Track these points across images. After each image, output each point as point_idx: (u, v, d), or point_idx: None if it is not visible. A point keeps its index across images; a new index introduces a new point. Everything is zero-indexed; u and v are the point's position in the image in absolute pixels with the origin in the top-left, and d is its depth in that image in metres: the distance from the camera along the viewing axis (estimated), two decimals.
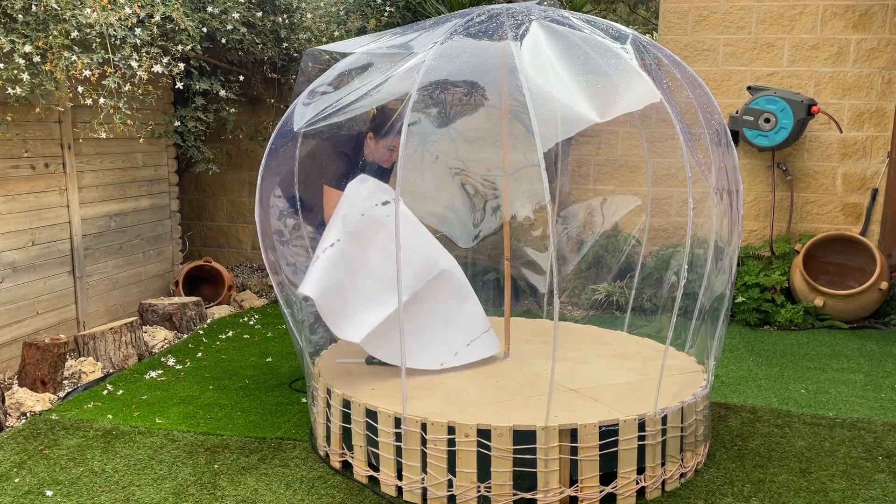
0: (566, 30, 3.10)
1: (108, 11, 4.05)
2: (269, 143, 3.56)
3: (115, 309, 5.36)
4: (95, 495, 3.03)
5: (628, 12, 10.55)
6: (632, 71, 2.95)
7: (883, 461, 3.35)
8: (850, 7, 5.70)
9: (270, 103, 6.23)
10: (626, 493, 2.95)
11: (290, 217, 4.00)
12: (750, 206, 6.07)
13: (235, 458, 3.35)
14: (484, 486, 2.88)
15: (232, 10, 4.95)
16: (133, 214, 5.51)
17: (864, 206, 5.86)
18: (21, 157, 4.45)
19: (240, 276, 6.59)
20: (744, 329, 5.45)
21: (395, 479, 3.02)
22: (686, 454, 3.13)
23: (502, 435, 2.83)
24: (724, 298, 3.31)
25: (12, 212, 4.40)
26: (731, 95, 6.00)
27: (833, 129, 5.83)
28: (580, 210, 5.23)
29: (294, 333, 3.66)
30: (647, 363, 3.55)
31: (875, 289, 5.38)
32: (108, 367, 4.49)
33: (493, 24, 3.17)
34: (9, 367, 4.39)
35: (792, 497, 3.02)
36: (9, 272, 4.39)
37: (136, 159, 5.50)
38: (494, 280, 5.50)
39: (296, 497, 3.01)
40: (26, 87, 3.90)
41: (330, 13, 5.75)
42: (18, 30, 3.85)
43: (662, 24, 6.10)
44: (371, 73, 3.40)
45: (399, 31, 3.44)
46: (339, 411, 3.19)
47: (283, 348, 4.93)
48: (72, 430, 3.64)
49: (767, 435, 3.61)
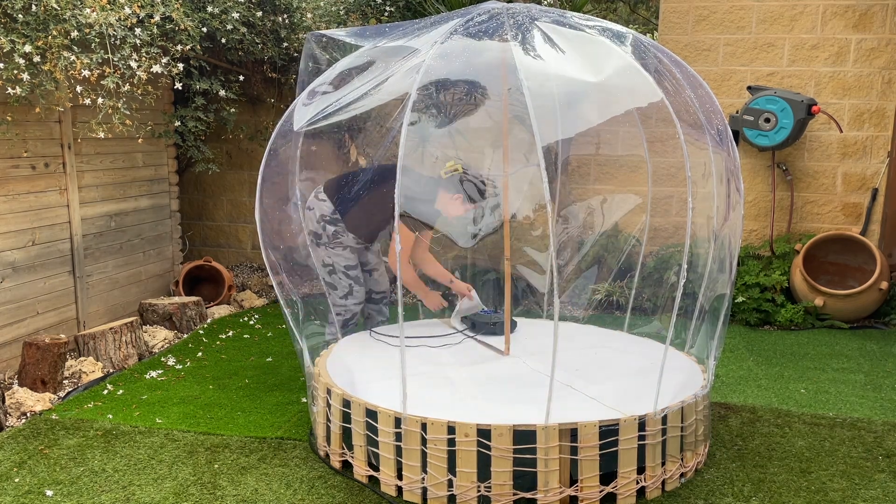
0: (566, 30, 3.10)
1: (107, 11, 4.05)
2: (270, 143, 3.56)
3: (116, 309, 5.36)
4: (95, 495, 3.03)
5: (628, 12, 10.55)
6: (632, 70, 2.95)
7: (883, 461, 3.35)
8: (851, 7, 5.70)
9: (270, 103, 6.23)
10: (627, 492, 2.95)
11: (331, 224, 3.99)
12: (750, 206, 6.07)
13: (235, 458, 3.35)
14: (484, 485, 2.88)
15: (232, 9, 4.96)
16: (133, 214, 5.51)
17: (865, 206, 5.86)
18: (21, 157, 4.45)
19: (240, 276, 6.59)
20: (744, 329, 5.45)
21: (395, 478, 3.02)
22: (686, 454, 3.13)
23: (502, 435, 2.83)
24: (724, 298, 3.31)
25: (12, 211, 4.40)
26: (732, 95, 6.00)
27: (833, 128, 5.83)
28: (580, 210, 5.23)
29: (294, 333, 3.66)
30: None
31: (875, 289, 5.38)
32: (108, 367, 4.49)
33: (493, 23, 3.17)
34: (9, 367, 4.39)
35: (792, 497, 3.02)
36: (9, 272, 4.39)
37: (136, 159, 5.50)
38: (494, 280, 5.50)
39: (296, 497, 3.01)
40: (26, 87, 3.90)
41: (330, 13, 5.76)
42: (18, 30, 3.86)
43: (662, 24, 6.10)
44: (371, 73, 3.40)
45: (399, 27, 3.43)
46: (339, 411, 3.19)
47: (283, 348, 4.93)
48: (72, 430, 3.64)
49: (767, 435, 3.61)
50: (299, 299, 3.93)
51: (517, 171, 3.73)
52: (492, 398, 3.16)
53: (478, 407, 3.05)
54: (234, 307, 5.94)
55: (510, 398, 3.16)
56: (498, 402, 3.12)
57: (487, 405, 3.07)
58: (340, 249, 4.01)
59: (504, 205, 3.76)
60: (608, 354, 3.74)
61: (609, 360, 3.66)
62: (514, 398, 3.16)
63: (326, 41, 3.77)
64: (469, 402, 3.12)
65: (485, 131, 4.05)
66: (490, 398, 3.16)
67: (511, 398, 3.16)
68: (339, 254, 4.02)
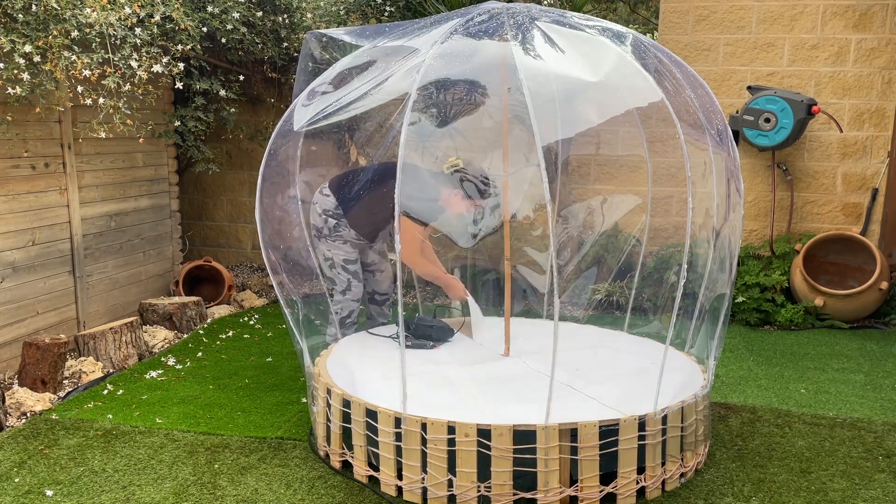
0: (566, 30, 3.10)
1: (108, 11, 4.05)
2: (270, 143, 3.55)
3: (116, 309, 5.36)
4: (95, 495, 3.03)
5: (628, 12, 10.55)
6: (632, 69, 2.94)
7: (883, 461, 3.35)
8: (851, 7, 5.70)
9: (271, 103, 6.23)
10: (627, 492, 2.95)
11: (333, 217, 4.04)
12: (750, 206, 6.07)
13: (235, 458, 3.35)
14: (484, 485, 2.88)
15: (232, 9, 4.96)
16: (133, 214, 5.51)
17: (865, 206, 5.86)
18: (21, 157, 4.45)
19: (240, 276, 6.59)
20: (744, 329, 5.45)
21: (395, 478, 3.02)
22: (686, 454, 3.13)
23: (502, 435, 2.83)
24: (724, 298, 3.30)
25: (12, 211, 4.40)
26: (732, 95, 6.00)
27: (833, 128, 5.83)
28: (580, 210, 5.23)
29: (294, 333, 3.66)
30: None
31: (875, 288, 5.38)
32: (108, 367, 4.49)
33: (493, 23, 3.17)
34: (9, 367, 4.39)
35: (792, 497, 3.02)
36: (9, 272, 4.39)
37: (136, 159, 5.50)
38: (494, 280, 5.50)
39: (296, 497, 3.01)
40: (26, 87, 3.90)
41: (330, 13, 5.76)
42: (18, 29, 3.86)
43: (662, 24, 6.11)
44: (371, 73, 3.40)
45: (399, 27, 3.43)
46: (339, 411, 3.19)
47: (283, 348, 4.93)
48: (72, 430, 3.64)
49: (767, 435, 3.61)
50: (299, 299, 3.93)
51: (517, 170, 3.73)
52: (492, 398, 3.16)
53: (478, 407, 3.05)
54: (234, 307, 5.94)
55: (510, 398, 3.16)
56: (498, 402, 3.12)
57: (487, 405, 3.07)
58: (341, 243, 4.05)
59: (504, 205, 3.75)
60: (608, 354, 3.74)
61: (609, 360, 3.66)
62: (514, 398, 3.15)
63: (326, 41, 3.77)
64: (469, 402, 3.12)
65: (485, 131, 4.05)
66: (490, 398, 3.16)
67: (511, 398, 3.16)
68: (339, 247, 4.05)
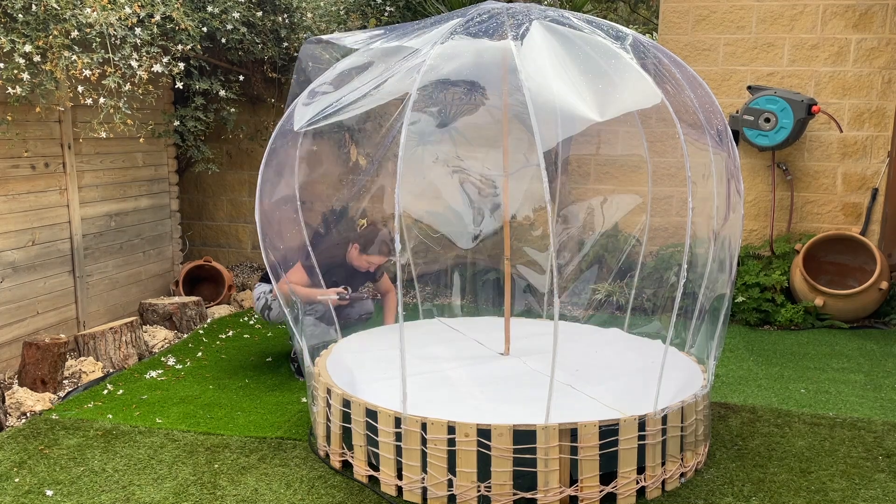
0: (566, 30, 3.10)
1: (108, 11, 4.05)
2: (270, 143, 3.56)
3: (116, 309, 5.36)
4: (95, 495, 3.04)
5: (628, 12, 10.55)
6: (632, 70, 2.94)
7: (883, 461, 3.35)
8: (851, 7, 5.70)
9: (271, 103, 6.23)
10: (627, 492, 2.95)
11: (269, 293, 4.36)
12: (750, 206, 6.07)
13: (235, 458, 3.35)
14: (484, 485, 2.88)
15: (232, 9, 4.95)
16: (133, 214, 5.51)
17: (865, 206, 5.86)
18: (21, 157, 4.45)
19: (240, 276, 6.59)
20: (744, 329, 5.45)
21: (395, 478, 3.02)
22: (686, 454, 3.13)
23: (502, 435, 2.83)
24: (724, 298, 3.31)
25: (12, 211, 4.40)
26: (732, 95, 6.00)
27: (833, 128, 5.83)
28: (580, 210, 5.23)
29: (294, 333, 3.66)
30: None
31: (875, 288, 5.38)
32: (108, 367, 4.49)
33: (493, 23, 3.17)
34: (9, 367, 4.39)
35: (792, 497, 3.03)
36: (9, 272, 4.39)
37: (136, 159, 5.50)
38: (494, 280, 5.50)
39: (296, 497, 3.01)
40: (26, 87, 3.90)
41: (330, 13, 5.76)
42: (18, 29, 3.86)
43: (662, 24, 6.11)
44: (371, 73, 3.40)
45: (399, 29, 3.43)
46: (339, 411, 3.19)
47: (284, 348, 4.93)
48: (72, 430, 3.64)
49: (767, 435, 3.61)
50: (299, 299, 3.93)
51: (517, 170, 3.73)
52: (492, 398, 3.16)
53: (478, 407, 3.05)
54: (234, 307, 5.94)
55: (510, 398, 3.16)
56: (498, 402, 3.12)
57: (487, 405, 3.07)
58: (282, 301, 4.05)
59: (504, 205, 3.76)
60: (608, 354, 3.74)
61: (609, 360, 3.66)
62: (514, 398, 3.16)
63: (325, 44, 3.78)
64: (469, 401, 3.12)
65: (485, 131, 4.05)
66: (490, 398, 3.16)
67: (511, 398, 3.16)
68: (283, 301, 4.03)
